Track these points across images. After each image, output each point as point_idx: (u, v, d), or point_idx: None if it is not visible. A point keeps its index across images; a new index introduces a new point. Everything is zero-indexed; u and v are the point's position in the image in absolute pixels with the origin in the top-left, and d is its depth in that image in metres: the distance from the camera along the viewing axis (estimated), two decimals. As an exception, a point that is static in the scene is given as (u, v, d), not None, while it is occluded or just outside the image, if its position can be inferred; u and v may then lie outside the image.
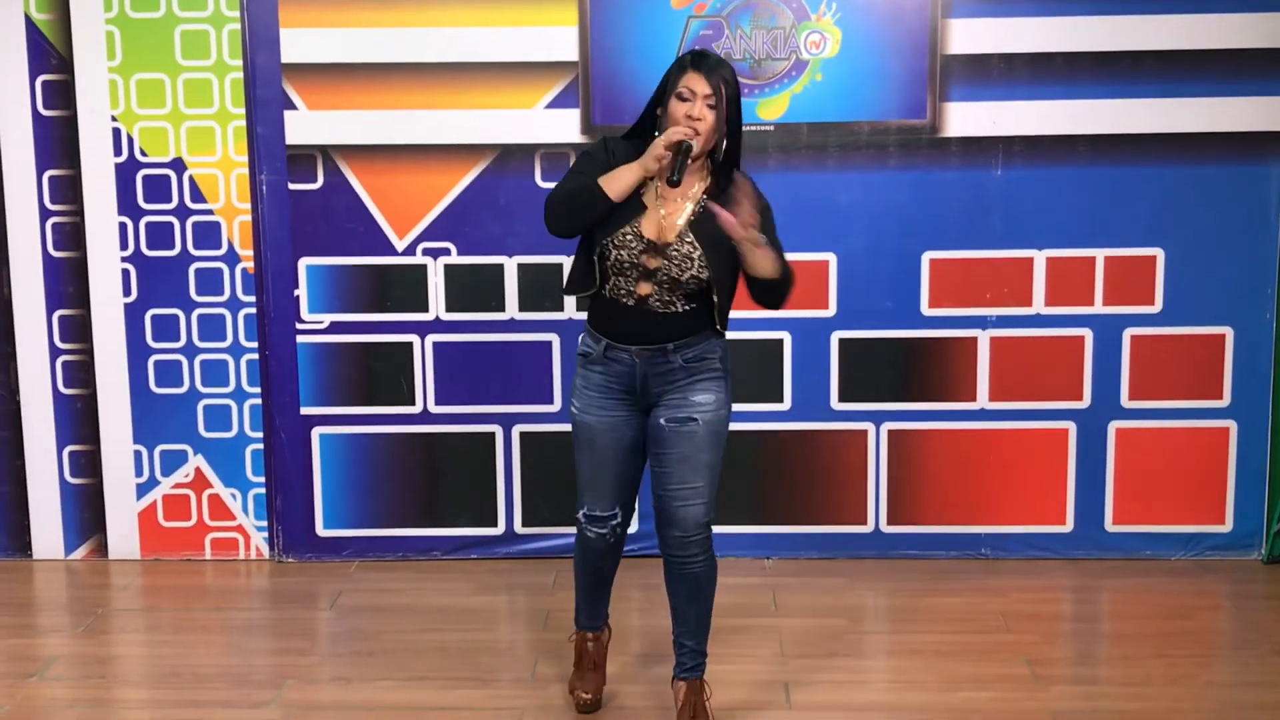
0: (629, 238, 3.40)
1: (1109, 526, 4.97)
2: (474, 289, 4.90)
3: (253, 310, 4.93)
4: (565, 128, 4.77)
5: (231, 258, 4.91)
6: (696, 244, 3.40)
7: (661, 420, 3.50)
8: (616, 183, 3.37)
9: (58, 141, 4.86)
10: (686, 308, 3.46)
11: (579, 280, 3.54)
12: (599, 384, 3.54)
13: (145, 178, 4.86)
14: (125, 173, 4.86)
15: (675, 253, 3.40)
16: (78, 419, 5.02)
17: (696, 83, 3.37)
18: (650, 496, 3.62)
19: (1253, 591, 4.71)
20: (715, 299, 3.45)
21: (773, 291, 3.43)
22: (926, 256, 4.83)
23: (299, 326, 4.93)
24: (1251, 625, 4.44)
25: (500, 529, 5.06)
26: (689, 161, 3.35)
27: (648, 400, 3.53)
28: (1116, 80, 4.70)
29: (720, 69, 3.40)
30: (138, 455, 5.02)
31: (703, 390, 3.50)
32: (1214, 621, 4.52)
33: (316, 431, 4.99)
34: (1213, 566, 4.91)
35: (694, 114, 3.35)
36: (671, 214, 3.44)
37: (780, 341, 4.89)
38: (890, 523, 5.00)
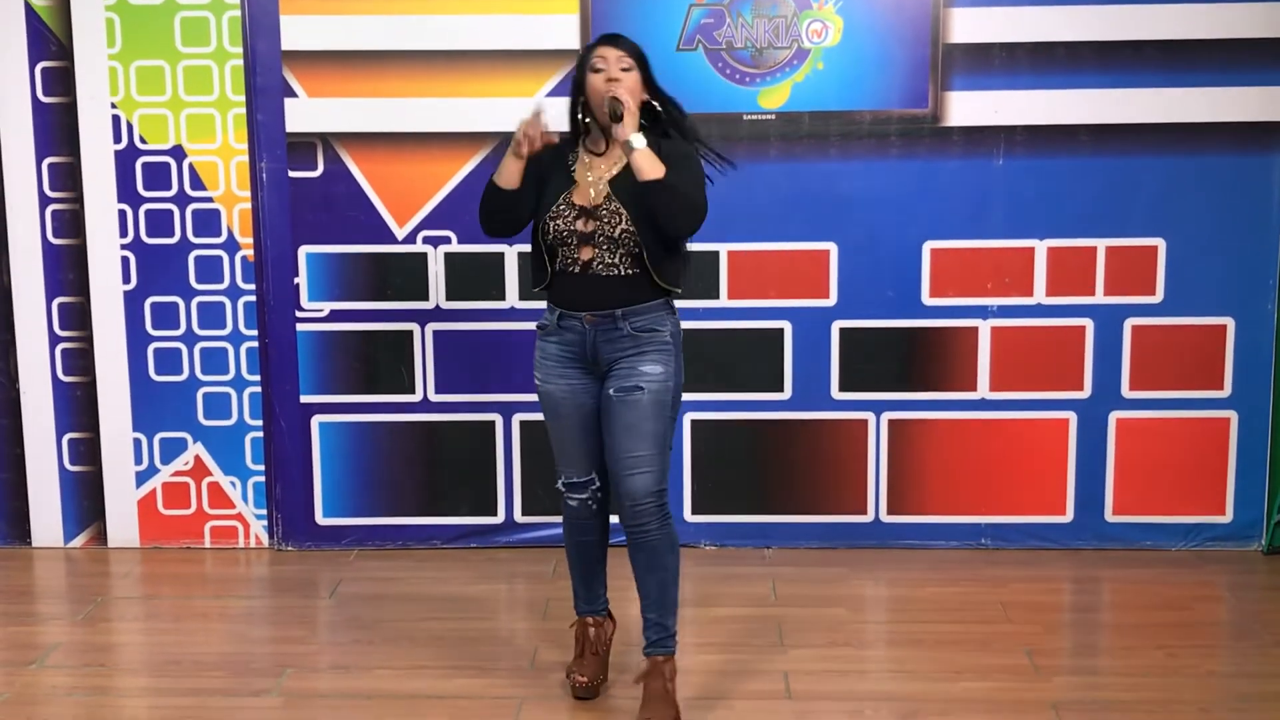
0: (562, 208, 3.55)
1: (1109, 517, 4.97)
2: (474, 277, 4.90)
3: (252, 298, 4.92)
4: (565, 116, 4.74)
5: (231, 245, 4.90)
6: (616, 198, 3.52)
7: (610, 391, 3.58)
8: (501, 172, 3.58)
9: (57, 129, 4.85)
10: (630, 271, 3.54)
11: (535, 272, 3.68)
12: (555, 354, 3.64)
13: (145, 165, 4.85)
14: (125, 160, 4.85)
15: (604, 211, 3.52)
16: (77, 406, 5.02)
17: (606, 52, 3.55)
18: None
19: (1253, 582, 4.71)
20: (644, 247, 3.51)
21: (664, 203, 3.42)
22: (928, 246, 4.82)
23: (299, 314, 4.93)
24: (1252, 616, 4.43)
25: (500, 518, 5.06)
26: (621, 117, 3.45)
27: (600, 369, 3.61)
28: (1118, 70, 4.69)
29: (626, 40, 3.59)
30: (137, 443, 5.02)
31: (651, 361, 3.57)
32: (1214, 612, 4.52)
33: (316, 420, 4.99)
34: (1213, 557, 4.91)
35: (612, 75, 3.50)
36: (599, 179, 3.57)
37: (781, 330, 4.88)
38: (890, 512, 5.00)
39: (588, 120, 3.59)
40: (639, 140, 3.43)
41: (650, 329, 3.57)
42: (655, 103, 3.58)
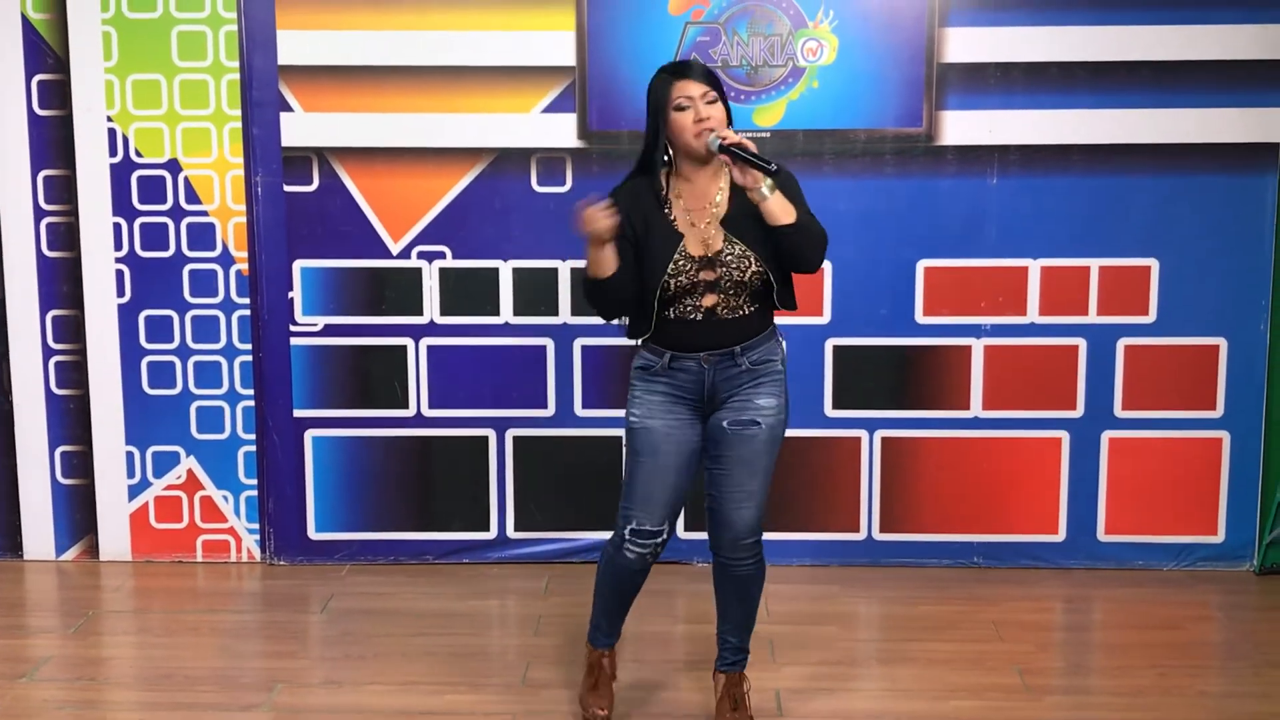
0: (681, 264, 3.41)
1: (1101, 536, 4.97)
2: (469, 293, 4.90)
3: (247, 312, 4.92)
4: (562, 132, 4.77)
5: (226, 259, 4.90)
6: (737, 240, 3.42)
7: (724, 423, 3.51)
8: (592, 265, 3.42)
9: (53, 142, 4.86)
10: (752, 309, 3.49)
11: (638, 323, 3.52)
12: (663, 393, 3.52)
13: (140, 178, 4.86)
14: (120, 173, 4.85)
15: (729, 257, 3.42)
16: (70, 419, 5.01)
17: (689, 88, 3.39)
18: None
19: (1245, 602, 4.72)
20: (775, 284, 3.46)
21: (801, 245, 3.38)
22: (921, 264, 4.83)
23: (293, 329, 4.93)
24: (1243, 636, 4.44)
25: (493, 533, 5.05)
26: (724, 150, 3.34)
27: (714, 405, 3.53)
28: (1112, 90, 4.71)
29: (700, 67, 3.47)
30: (130, 456, 5.01)
31: (766, 394, 3.52)
32: (1206, 632, 4.52)
33: (309, 434, 4.99)
34: (1205, 577, 4.92)
35: (701, 115, 3.37)
36: (708, 225, 3.45)
37: (774, 348, 4.89)
38: (883, 530, 5.00)
39: (666, 158, 3.45)
40: (768, 184, 3.32)
41: (765, 360, 3.52)
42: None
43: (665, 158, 3.46)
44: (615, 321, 3.60)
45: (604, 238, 3.37)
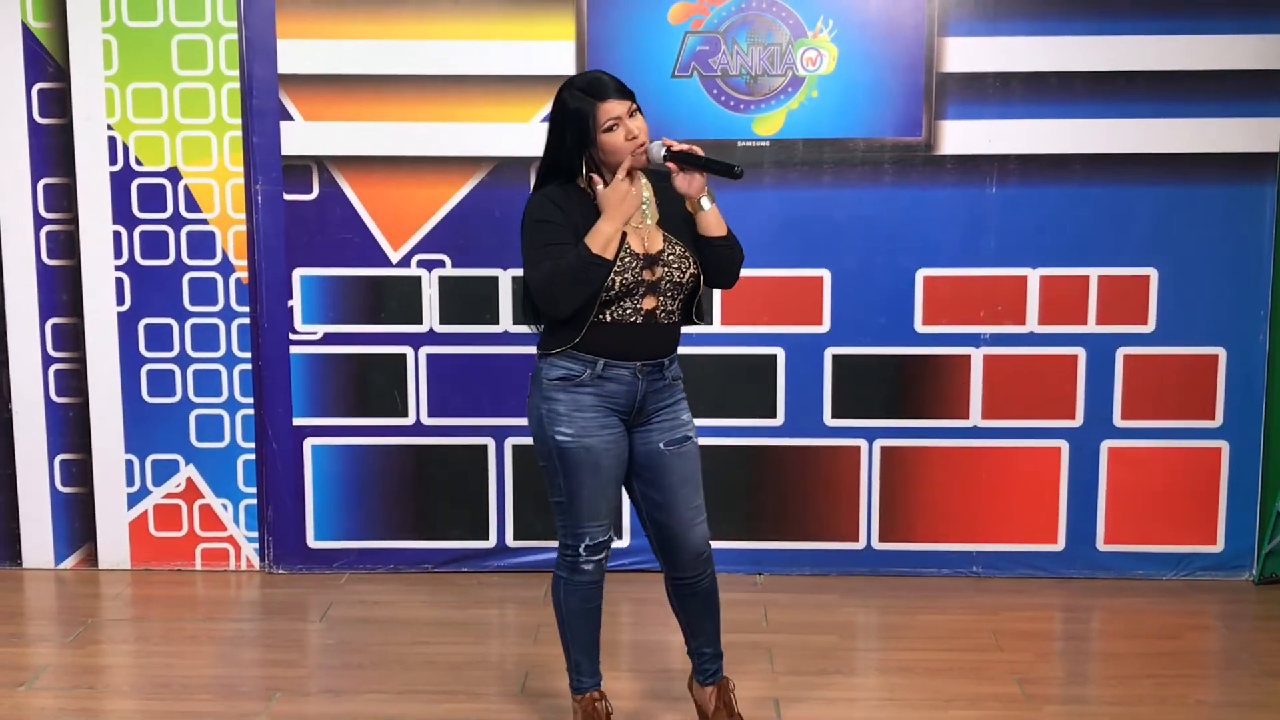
0: (627, 260, 3.36)
1: (1100, 545, 4.97)
2: (468, 301, 4.90)
3: (246, 320, 4.93)
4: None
5: (226, 268, 4.91)
6: (676, 241, 3.43)
7: (660, 445, 3.49)
8: (608, 243, 3.32)
9: (53, 150, 4.86)
10: (679, 316, 3.50)
11: (565, 333, 3.41)
12: (592, 405, 3.42)
13: (140, 187, 4.86)
14: (120, 181, 4.86)
15: (670, 256, 3.41)
16: (69, 428, 5.01)
17: (614, 108, 3.33)
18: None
19: (1244, 612, 4.71)
20: (700, 289, 3.49)
21: (728, 259, 3.44)
22: (920, 274, 4.84)
23: (292, 337, 4.93)
24: (1242, 646, 4.44)
25: (492, 542, 5.05)
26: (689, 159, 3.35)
27: (640, 419, 3.49)
28: (1111, 100, 4.71)
29: (615, 82, 3.38)
30: (129, 464, 5.01)
31: (685, 408, 3.56)
32: (1205, 642, 4.52)
33: (309, 442, 4.99)
34: (1204, 586, 4.91)
35: (632, 132, 3.34)
36: (639, 226, 3.42)
37: (774, 357, 4.89)
38: (882, 539, 5.00)
39: (592, 174, 3.40)
40: (710, 199, 3.38)
41: (677, 375, 3.54)
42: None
43: (589, 173, 3.40)
44: (560, 315, 3.37)
45: (630, 214, 3.36)
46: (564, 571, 3.54)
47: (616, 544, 4.90)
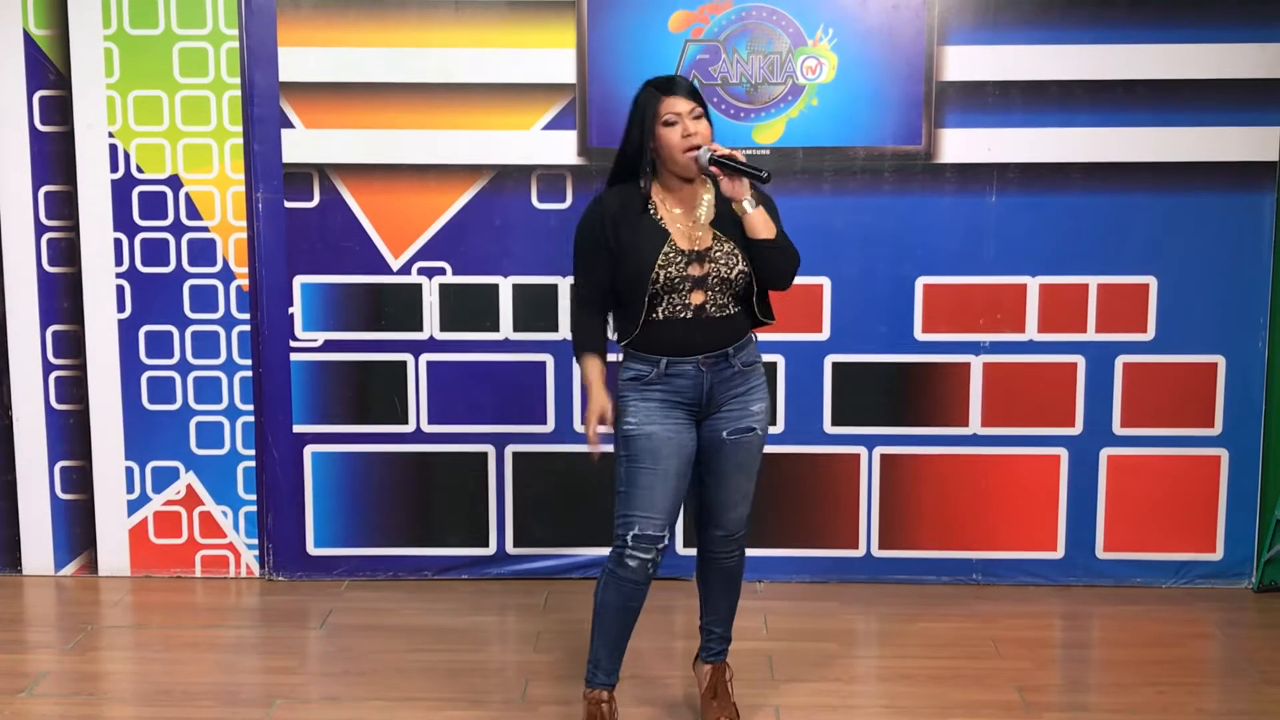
0: (671, 255, 3.48)
1: (1100, 553, 4.97)
2: (468, 309, 4.91)
3: (247, 328, 4.93)
4: (562, 149, 4.79)
5: (226, 275, 4.91)
6: (726, 239, 3.52)
7: (724, 434, 3.61)
8: (584, 375, 3.62)
9: (54, 157, 4.87)
10: (737, 309, 3.58)
11: (625, 324, 3.58)
12: (660, 399, 3.56)
13: (141, 194, 4.87)
14: (121, 189, 4.86)
15: (717, 253, 3.51)
16: (70, 434, 5.01)
17: (677, 104, 3.49)
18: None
19: (1243, 620, 4.72)
20: (756, 287, 3.57)
21: (776, 261, 3.51)
22: (920, 282, 4.84)
23: (293, 344, 4.93)
24: (1242, 654, 4.44)
25: (492, 549, 5.06)
26: (713, 164, 3.45)
27: (710, 409, 3.60)
28: (1111, 109, 4.72)
29: (685, 83, 3.57)
30: (129, 471, 5.02)
31: (758, 399, 3.65)
32: (1204, 649, 4.52)
33: (309, 450, 4.99)
34: (1203, 594, 4.92)
35: (689, 130, 3.47)
36: (696, 221, 3.55)
37: (774, 364, 4.90)
38: (882, 547, 5.00)
39: (651, 171, 3.53)
40: (752, 199, 3.45)
41: (752, 360, 3.64)
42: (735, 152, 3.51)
43: (649, 169, 3.53)
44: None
45: (593, 415, 3.58)
46: (611, 563, 3.62)
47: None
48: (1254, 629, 4.64)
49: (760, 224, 3.46)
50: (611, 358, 3.63)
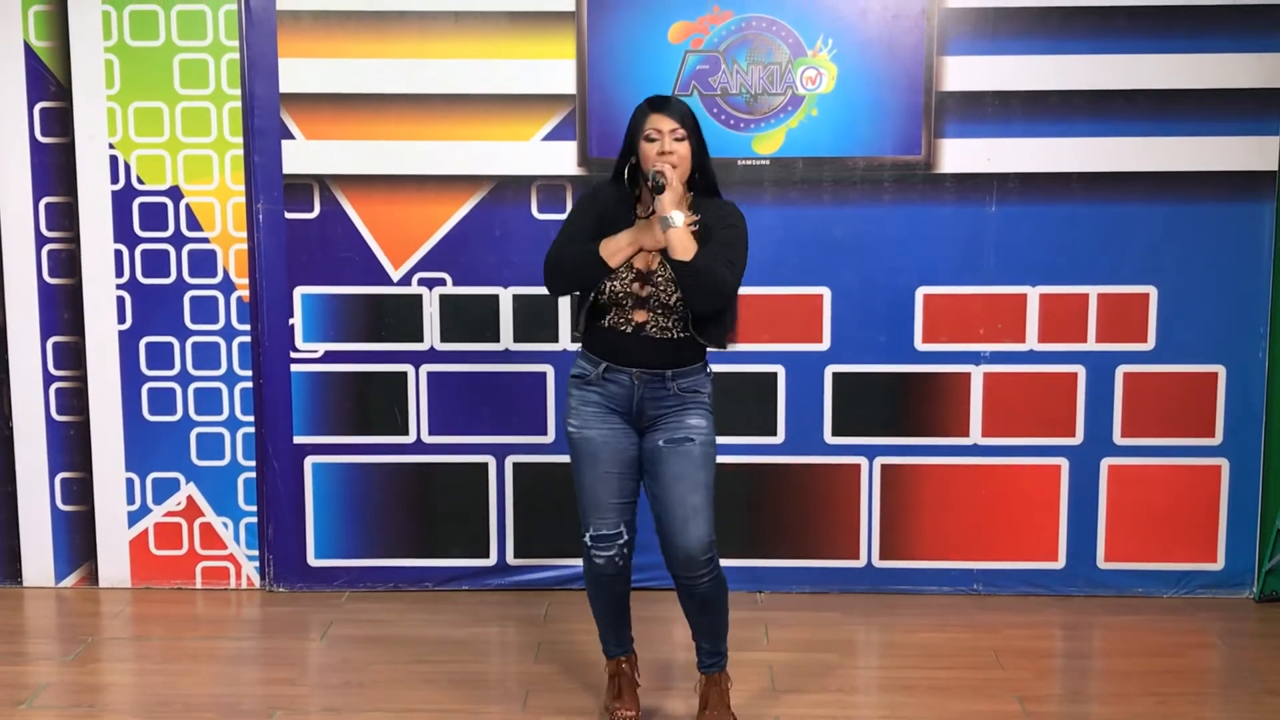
0: (622, 271, 3.58)
1: (1101, 563, 4.97)
2: (469, 319, 4.91)
3: (247, 339, 4.93)
4: (562, 160, 4.79)
5: (227, 286, 4.91)
6: (666, 265, 3.57)
7: (660, 442, 3.64)
8: (617, 254, 3.58)
9: (55, 168, 4.87)
10: (682, 335, 3.62)
11: (581, 320, 3.70)
12: (596, 403, 3.66)
13: (142, 205, 4.87)
14: (122, 200, 4.87)
15: (660, 279, 3.58)
16: (70, 446, 5.01)
17: (661, 122, 3.58)
18: (651, 526, 3.70)
19: (1244, 629, 4.71)
20: (692, 318, 3.60)
21: (688, 285, 3.50)
22: (920, 291, 4.85)
23: (293, 355, 4.94)
24: (1243, 663, 4.43)
25: (492, 560, 5.05)
26: (664, 189, 3.52)
27: (642, 423, 3.67)
28: (1110, 119, 4.73)
29: (679, 105, 3.63)
30: (130, 483, 5.01)
31: (695, 415, 3.67)
32: (1206, 659, 4.52)
33: (309, 461, 4.99)
34: (1204, 604, 4.91)
35: (665, 149, 3.55)
36: (654, 244, 3.60)
37: (774, 375, 4.90)
38: (883, 557, 5.00)
39: (636, 185, 3.67)
40: (677, 218, 3.48)
41: (693, 390, 3.67)
42: (696, 173, 3.62)
43: (635, 183, 3.67)
44: (560, 294, 3.77)
45: (646, 245, 3.57)
46: (584, 560, 3.79)
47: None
48: (1255, 639, 4.64)
49: (677, 244, 3.48)
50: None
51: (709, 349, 3.69)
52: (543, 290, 4.70)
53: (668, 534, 3.65)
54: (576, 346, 4.84)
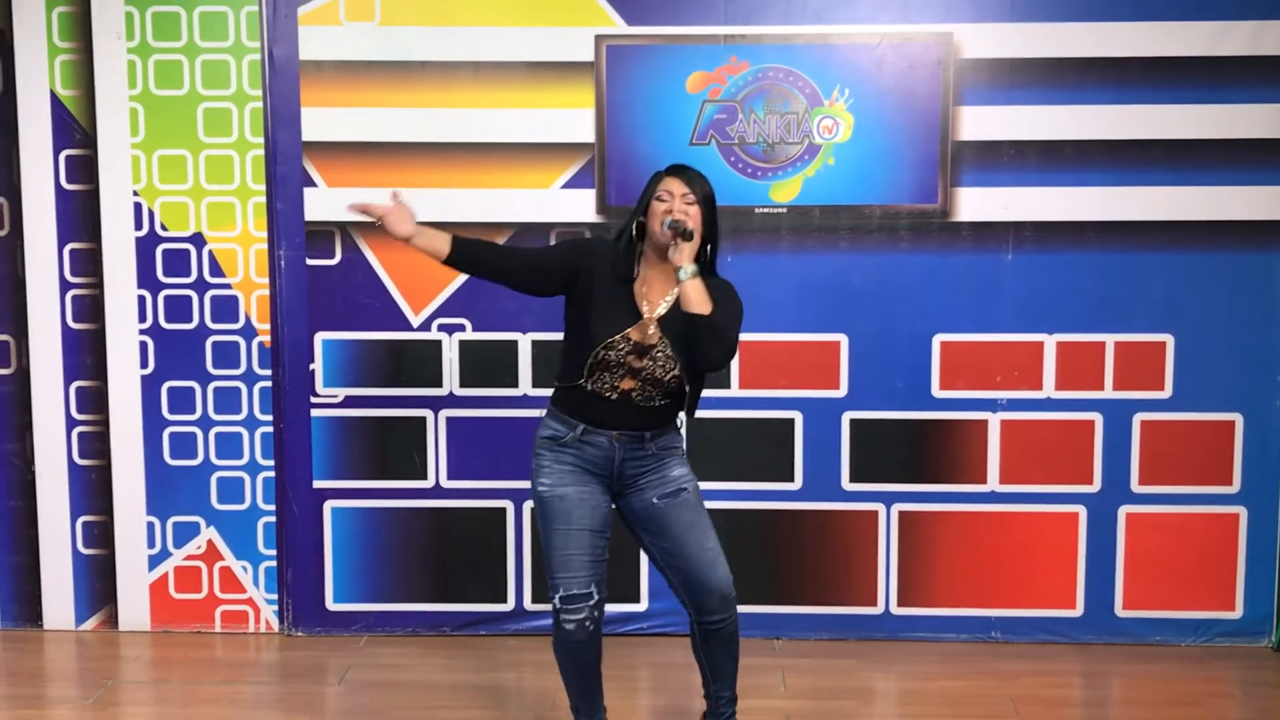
0: (618, 342, 3.59)
1: (1119, 611, 4.96)
2: (488, 365, 4.94)
3: (268, 384, 4.97)
4: (581, 208, 4.83)
5: (249, 331, 4.95)
6: (669, 341, 3.58)
7: (653, 499, 3.66)
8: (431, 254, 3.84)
9: (79, 215, 4.92)
10: (664, 402, 3.65)
11: (569, 373, 3.68)
12: (570, 463, 3.67)
13: (165, 252, 4.92)
14: (145, 246, 4.92)
15: (659, 353, 3.59)
16: (92, 490, 5.04)
17: (673, 185, 3.63)
18: (657, 573, 3.70)
19: (1263, 679, 4.69)
20: (688, 390, 3.65)
21: (703, 339, 3.50)
22: (937, 339, 4.86)
23: (314, 400, 4.97)
24: (1261, 713, 4.41)
25: (510, 605, 5.06)
26: (680, 243, 3.53)
27: (620, 484, 3.68)
28: (1126, 168, 4.75)
29: (694, 172, 3.67)
30: (150, 526, 5.04)
31: (676, 466, 3.71)
32: (1224, 709, 4.50)
33: (329, 505, 5.01)
34: (1223, 653, 4.90)
35: (677, 209, 3.59)
36: (652, 317, 3.62)
37: (791, 421, 4.91)
38: (900, 604, 5.00)
39: (640, 243, 3.67)
40: (691, 269, 3.49)
41: (669, 446, 3.72)
42: (707, 244, 3.65)
43: (638, 240, 3.66)
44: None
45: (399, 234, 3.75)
46: (554, 625, 3.70)
47: (632, 607, 4.93)
48: (1274, 688, 4.62)
49: (693, 296, 3.49)
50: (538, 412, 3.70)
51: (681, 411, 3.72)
52: (562, 336, 4.75)
53: (697, 580, 3.65)
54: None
